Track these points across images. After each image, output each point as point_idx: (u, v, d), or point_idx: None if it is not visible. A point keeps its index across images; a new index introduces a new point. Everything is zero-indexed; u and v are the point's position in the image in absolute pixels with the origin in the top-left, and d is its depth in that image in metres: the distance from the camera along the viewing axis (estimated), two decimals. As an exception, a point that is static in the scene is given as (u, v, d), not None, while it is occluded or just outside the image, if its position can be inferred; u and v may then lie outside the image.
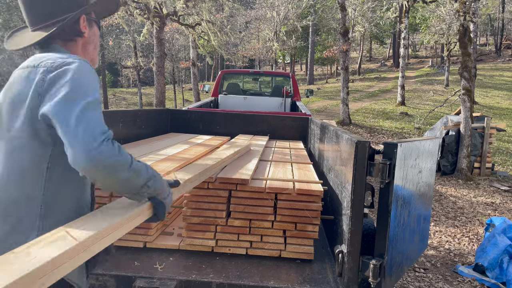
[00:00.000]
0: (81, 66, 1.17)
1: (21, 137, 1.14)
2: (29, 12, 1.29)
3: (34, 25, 1.30)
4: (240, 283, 1.86)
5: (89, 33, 1.37)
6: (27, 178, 1.14)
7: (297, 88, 7.76)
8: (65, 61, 1.17)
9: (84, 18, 1.33)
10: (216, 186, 2.13)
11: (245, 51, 28.00)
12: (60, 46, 1.29)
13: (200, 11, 11.89)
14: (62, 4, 1.28)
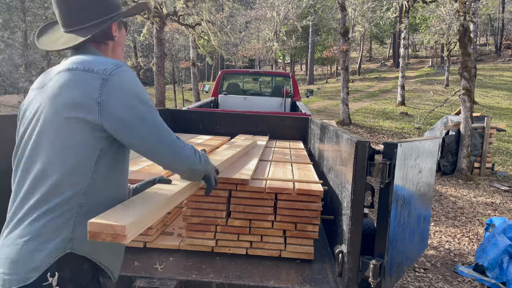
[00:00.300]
0: (129, 73, 1.23)
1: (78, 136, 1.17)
2: (65, 14, 1.30)
3: (68, 27, 1.31)
4: (240, 283, 1.86)
5: (119, 36, 1.41)
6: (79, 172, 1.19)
7: (297, 88, 7.76)
8: (116, 68, 1.21)
9: (116, 22, 1.38)
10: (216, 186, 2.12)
11: (245, 51, 28.00)
12: (94, 48, 1.32)
13: (200, 11, 11.89)
14: (99, 9, 1.31)
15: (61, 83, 1.19)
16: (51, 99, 1.19)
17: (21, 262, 1.13)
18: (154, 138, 1.23)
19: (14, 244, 1.15)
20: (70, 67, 1.21)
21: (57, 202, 1.17)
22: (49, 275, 1.12)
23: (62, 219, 1.17)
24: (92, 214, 1.17)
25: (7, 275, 1.13)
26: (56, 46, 1.32)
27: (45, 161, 1.19)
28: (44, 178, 1.18)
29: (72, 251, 1.16)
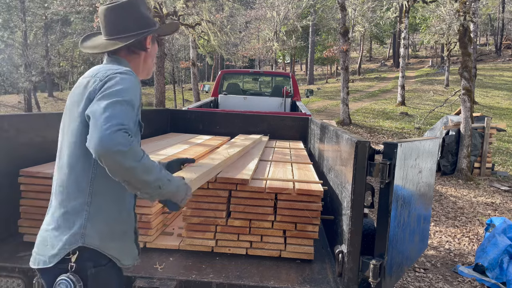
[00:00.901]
0: (125, 76, 1.36)
1: (78, 135, 1.35)
2: (108, 24, 1.53)
3: (109, 35, 1.53)
4: (240, 283, 1.85)
5: (151, 49, 1.61)
6: (80, 170, 1.35)
7: (297, 88, 7.75)
8: (114, 72, 1.37)
9: (150, 37, 1.59)
10: (216, 186, 2.12)
11: (245, 51, 27.99)
12: (123, 56, 1.52)
13: (200, 11, 11.88)
14: (137, 23, 1.53)
15: (77, 89, 1.42)
16: (70, 103, 1.42)
17: (47, 247, 1.35)
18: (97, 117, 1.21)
19: (44, 229, 1.39)
20: (86, 74, 1.44)
21: (69, 198, 1.35)
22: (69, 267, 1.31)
23: (75, 215, 1.34)
24: (101, 211, 1.36)
25: (38, 255, 1.37)
26: (97, 50, 1.54)
27: (63, 158, 1.39)
28: (62, 175, 1.38)
29: (84, 244, 1.32)
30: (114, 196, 1.39)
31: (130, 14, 1.53)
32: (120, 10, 1.52)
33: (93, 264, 1.34)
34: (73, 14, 26.91)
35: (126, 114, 1.25)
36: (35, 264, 1.37)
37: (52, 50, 27.55)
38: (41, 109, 25.46)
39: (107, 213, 1.38)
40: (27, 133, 2.39)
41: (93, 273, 1.34)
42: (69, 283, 1.29)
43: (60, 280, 1.29)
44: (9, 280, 1.88)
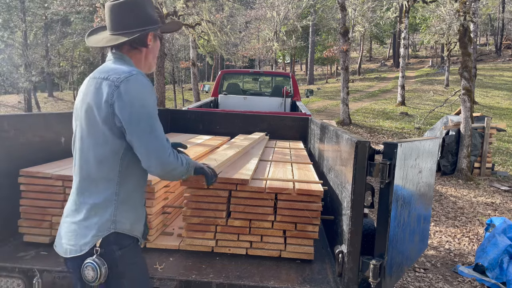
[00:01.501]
0: (138, 82, 1.47)
1: (104, 135, 1.45)
2: (113, 20, 1.59)
3: (114, 30, 1.60)
4: (240, 283, 1.85)
5: (152, 45, 1.67)
6: (108, 164, 1.47)
7: (297, 88, 7.75)
8: (126, 76, 1.46)
9: (152, 33, 1.65)
10: (216, 186, 2.12)
11: (245, 51, 27.99)
12: (125, 52, 1.59)
13: (200, 11, 11.88)
14: (140, 21, 1.60)
15: (89, 90, 1.49)
16: (85, 103, 1.49)
17: (79, 236, 1.46)
18: (143, 142, 1.45)
19: (72, 221, 1.49)
20: (96, 75, 1.51)
21: (98, 191, 1.47)
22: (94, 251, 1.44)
23: (104, 206, 1.47)
24: (127, 200, 1.51)
25: (69, 245, 1.47)
26: (100, 43, 1.60)
27: (86, 155, 1.48)
28: (86, 169, 1.48)
29: (115, 230, 1.47)
30: (137, 183, 1.56)
31: (135, 11, 1.59)
32: (125, 6, 1.58)
33: (119, 247, 1.47)
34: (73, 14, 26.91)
35: (161, 129, 1.50)
36: (66, 254, 1.47)
37: (52, 50, 27.54)
38: (41, 109, 25.45)
39: (133, 199, 1.55)
40: (27, 133, 2.39)
41: (120, 254, 1.46)
42: (94, 265, 1.41)
43: (87, 263, 1.42)
44: (9, 280, 1.88)
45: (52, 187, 2.17)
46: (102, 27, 1.71)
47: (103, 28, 1.70)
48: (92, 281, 1.42)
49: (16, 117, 2.36)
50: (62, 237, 1.51)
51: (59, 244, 1.52)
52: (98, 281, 1.42)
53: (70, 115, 2.91)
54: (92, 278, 1.41)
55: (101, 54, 27.52)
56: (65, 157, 2.70)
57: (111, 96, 1.43)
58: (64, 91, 35.23)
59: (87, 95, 1.49)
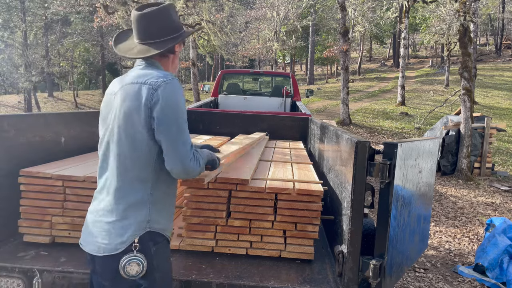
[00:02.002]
0: (174, 86, 1.55)
1: (142, 137, 1.52)
2: (141, 29, 1.64)
3: (142, 40, 1.65)
4: (240, 283, 1.85)
5: (178, 51, 1.74)
6: (144, 165, 1.54)
7: (297, 88, 7.75)
8: (164, 81, 1.53)
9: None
10: (216, 186, 2.12)
11: (245, 51, 27.99)
12: (155, 58, 1.65)
13: (200, 11, 11.88)
14: (168, 29, 1.65)
15: (128, 93, 1.55)
16: (122, 106, 1.54)
17: (113, 236, 1.51)
18: (172, 147, 1.52)
19: (108, 221, 1.53)
20: (134, 80, 1.57)
21: (133, 190, 1.53)
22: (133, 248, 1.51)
23: (140, 205, 1.54)
24: (159, 201, 1.58)
25: (103, 244, 1.52)
26: (131, 54, 1.66)
27: (121, 155, 1.53)
28: (122, 168, 1.53)
29: (150, 229, 1.55)
30: (169, 184, 1.63)
31: (162, 21, 1.64)
32: (153, 16, 1.62)
33: (153, 243, 1.55)
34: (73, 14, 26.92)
35: (188, 133, 1.57)
36: (100, 252, 1.52)
37: (52, 50, 27.53)
38: (41, 109, 25.45)
39: (166, 199, 1.62)
40: (27, 133, 2.39)
41: (155, 250, 1.55)
42: (140, 260, 1.49)
43: (130, 259, 1.49)
44: (9, 280, 1.88)
45: (52, 187, 2.17)
46: (126, 31, 1.77)
47: (128, 33, 1.75)
48: (136, 275, 1.49)
49: (16, 117, 2.36)
50: (94, 236, 1.54)
51: (90, 243, 1.55)
52: (141, 275, 1.50)
53: (70, 115, 2.93)
54: (136, 273, 1.49)
55: (101, 54, 27.52)
56: (65, 157, 2.70)
57: (150, 99, 1.50)
58: (64, 91, 35.21)
59: (125, 100, 1.54)
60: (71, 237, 2.17)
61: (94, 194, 1.64)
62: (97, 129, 1.70)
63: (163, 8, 1.64)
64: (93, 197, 1.65)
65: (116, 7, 10.63)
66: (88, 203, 2.16)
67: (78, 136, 2.96)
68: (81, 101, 29.46)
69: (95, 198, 1.62)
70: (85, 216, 1.65)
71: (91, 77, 37.77)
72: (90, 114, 3.15)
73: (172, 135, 1.51)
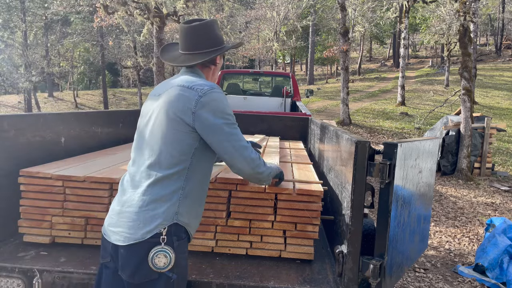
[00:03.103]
0: (220, 94, 1.67)
1: (181, 135, 1.61)
2: (187, 41, 1.77)
3: (186, 50, 1.78)
4: (240, 283, 1.85)
5: (219, 63, 1.87)
6: (180, 161, 1.61)
7: (297, 88, 7.75)
8: (210, 89, 1.64)
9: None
10: (216, 186, 2.12)
11: (245, 51, 28.00)
12: (199, 68, 1.79)
13: (200, 11, 11.89)
14: (211, 42, 1.78)
15: (173, 95, 1.64)
16: (165, 105, 1.62)
17: (141, 226, 1.55)
18: (228, 144, 1.63)
19: (135, 211, 1.57)
20: (180, 84, 1.67)
21: (166, 183, 1.59)
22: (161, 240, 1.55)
23: (171, 197, 1.59)
24: (190, 196, 1.64)
25: (127, 234, 1.56)
26: (176, 62, 1.80)
27: (158, 149, 1.61)
28: (157, 162, 1.60)
29: (177, 221, 1.60)
30: (201, 182, 1.70)
31: (207, 34, 1.77)
32: (199, 30, 1.76)
33: (177, 238, 1.59)
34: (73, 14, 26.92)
35: (240, 133, 1.69)
36: (124, 242, 1.55)
37: (52, 50, 27.54)
38: (41, 109, 25.46)
39: (195, 196, 1.68)
40: (27, 133, 2.39)
41: (178, 245, 1.59)
42: (167, 252, 1.54)
43: (158, 251, 1.53)
44: (9, 280, 1.88)
45: (52, 187, 2.17)
46: (172, 44, 1.91)
47: (174, 46, 1.89)
48: (163, 267, 1.53)
49: (16, 117, 2.36)
50: (120, 226, 1.58)
51: (115, 233, 1.59)
52: (169, 267, 1.54)
53: (70, 115, 2.93)
54: (164, 265, 1.53)
55: (101, 54, 27.51)
56: (65, 157, 2.70)
57: (194, 104, 1.60)
58: (64, 91, 35.22)
59: (168, 101, 1.63)
60: (71, 237, 2.17)
61: (123, 186, 1.69)
62: (97, 128, 1.73)
63: (208, 22, 1.78)
64: (120, 188, 1.70)
65: (116, 7, 10.64)
66: (88, 203, 2.17)
67: (78, 136, 2.96)
68: (81, 101, 29.47)
69: (124, 190, 1.67)
70: (85, 216, 1.66)
71: (91, 77, 37.75)
72: (90, 114, 3.15)
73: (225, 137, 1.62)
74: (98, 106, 28.80)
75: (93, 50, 30.57)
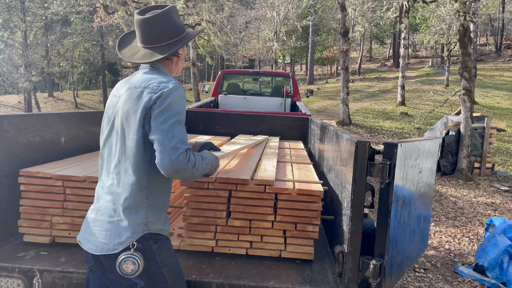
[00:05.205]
0: (175, 91, 1.55)
1: (140, 141, 1.53)
2: (145, 34, 1.64)
3: (146, 44, 1.65)
4: (240, 283, 1.85)
5: (182, 53, 1.76)
6: (141, 169, 1.55)
7: (297, 88, 7.75)
8: (165, 86, 1.54)
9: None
10: (216, 186, 2.12)
11: (245, 51, 28.01)
12: (159, 62, 1.67)
13: (200, 11, 11.88)
14: (171, 33, 1.66)
15: (128, 98, 1.57)
16: (124, 109, 1.56)
17: (112, 236, 1.52)
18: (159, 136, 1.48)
19: (107, 221, 1.54)
20: (137, 85, 1.58)
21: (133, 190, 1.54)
22: (131, 246, 1.52)
23: (137, 208, 1.55)
24: (156, 203, 1.59)
25: (101, 244, 1.53)
26: (135, 59, 1.66)
27: (123, 156, 1.56)
28: (122, 169, 1.56)
29: (148, 231, 1.56)
30: (163, 188, 1.64)
31: (165, 24, 1.64)
32: (156, 20, 1.62)
33: (154, 241, 1.57)
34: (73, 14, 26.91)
35: (183, 132, 1.53)
36: (98, 251, 1.53)
37: (52, 50, 27.54)
38: (41, 109, 25.46)
39: (161, 203, 1.63)
40: (27, 133, 2.39)
41: (156, 247, 1.57)
42: (134, 258, 1.50)
43: (126, 257, 1.49)
44: (9, 280, 1.88)
45: (52, 187, 2.17)
46: (130, 33, 1.77)
47: (131, 35, 1.76)
48: (131, 274, 1.50)
49: (16, 117, 2.36)
50: (93, 234, 1.56)
51: (89, 241, 1.57)
52: (136, 274, 1.50)
53: (70, 115, 2.93)
54: (132, 271, 1.49)
55: (101, 54, 27.52)
56: (65, 157, 2.70)
57: (148, 102, 1.52)
58: (64, 91, 35.21)
59: (126, 103, 1.56)
60: (71, 237, 2.17)
61: (97, 193, 1.66)
62: (97, 128, 1.72)
63: (165, 12, 1.63)
64: (95, 196, 1.66)
65: (116, 7, 10.64)
66: (88, 203, 2.16)
67: (78, 136, 2.96)
68: (81, 101, 29.47)
69: (97, 198, 1.64)
70: (85, 216, 1.65)
71: (91, 77, 37.76)
72: (90, 114, 3.15)
73: (162, 131, 1.48)
74: (98, 106, 28.80)
75: (93, 50, 30.58)
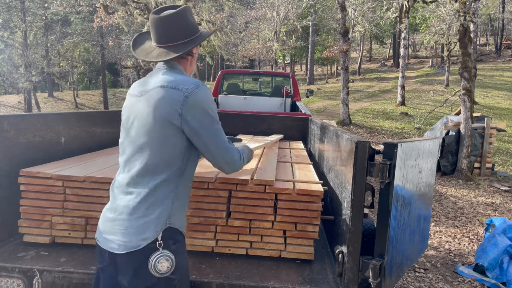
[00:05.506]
0: (205, 92, 1.59)
1: (171, 139, 1.56)
2: (160, 33, 1.65)
3: (159, 43, 1.67)
4: (240, 283, 1.85)
5: (196, 52, 1.78)
6: (171, 164, 1.58)
7: (297, 88, 7.75)
8: (195, 88, 1.57)
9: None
10: (216, 186, 2.12)
11: (245, 51, 28.02)
12: (175, 61, 1.69)
13: (200, 11, 11.88)
14: (185, 32, 1.67)
15: (157, 97, 1.56)
16: (150, 108, 1.56)
17: (135, 233, 1.52)
18: (211, 145, 1.61)
19: (128, 219, 1.54)
20: (162, 84, 1.58)
21: (158, 188, 1.56)
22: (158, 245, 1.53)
23: (162, 202, 1.56)
24: (180, 197, 1.63)
25: (123, 242, 1.53)
26: (150, 57, 1.67)
27: (147, 155, 1.56)
28: (147, 168, 1.57)
29: (170, 225, 1.58)
30: (188, 183, 1.69)
31: (179, 24, 1.65)
32: (171, 20, 1.64)
33: (173, 242, 1.57)
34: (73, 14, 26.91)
35: (223, 133, 1.66)
36: (120, 250, 1.52)
37: (52, 50, 27.54)
38: (41, 109, 25.46)
39: (184, 197, 1.66)
40: (27, 133, 2.39)
41: (175, 248, 1.57)
42: (168, 256, 1.51)
43: (159, 256, 1.50)
44: (9, 280, 1.88)
45: (52, 187, 2.17)
46: (143, 34, 1.79)
47: (145, 35, 1.78)
48: (166, 272, 1.51)
49: (16, 117, 2.36)
50: (114, 233, 1.55)
51: (110, 241, 1.56)
52: (172, 269, 1.52)
53: (70, 115, 2.93)
54: (167, 269, 1.51)
55: (101, 54, 27.51)
56: (65, 157, 2.70)
57: (181, 105, 1.53)
58: (64, 91, 35.21)
59: (152, 103, 1.56)
60: (71, 237, 2.17)
61: (112, 192, 1.66)
62: (97, 128, 1.72)
63: (180, 11, 1.65)
64: (111, 195, 1.67)
65: (116, 7, 10.64)
66: (88, 203, 2.17)
67: (78, 136, 2.96)
68: (81, 101, 29.47)
69: (115, 197, 1.63)
70: (85, 216, 1.65)
71: (91, 77, 37.76)
72: (90, 114, 3.15)
73: (210, 138, 1.59)
74: (98, 106, 28.80)
75: (93, 50, 30.58)
